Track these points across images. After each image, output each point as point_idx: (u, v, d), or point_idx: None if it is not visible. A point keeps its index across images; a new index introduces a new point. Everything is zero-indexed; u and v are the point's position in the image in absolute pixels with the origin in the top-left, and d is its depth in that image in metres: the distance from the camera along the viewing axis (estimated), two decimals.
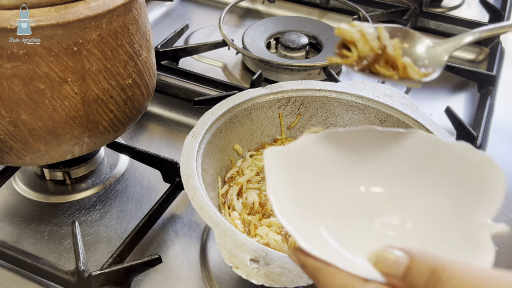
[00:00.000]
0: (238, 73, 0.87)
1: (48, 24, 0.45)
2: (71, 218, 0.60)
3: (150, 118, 0.76)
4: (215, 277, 0.54)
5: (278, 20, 0.94)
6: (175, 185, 0.60)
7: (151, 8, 1.03)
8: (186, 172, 0.49)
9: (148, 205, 0.61)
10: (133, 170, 0.67)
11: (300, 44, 0.85)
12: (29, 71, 0.47)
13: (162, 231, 0.59)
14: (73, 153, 0.55)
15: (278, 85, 0.62)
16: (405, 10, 0.98)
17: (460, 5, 1.07)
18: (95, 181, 0.64)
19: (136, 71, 0.55)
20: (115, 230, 0.59)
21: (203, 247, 0.57)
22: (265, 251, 0.42)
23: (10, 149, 0.51)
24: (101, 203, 0.62)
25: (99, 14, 0.47)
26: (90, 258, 0.55)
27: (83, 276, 0.49)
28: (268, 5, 1.06)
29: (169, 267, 0.55)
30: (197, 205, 0.46)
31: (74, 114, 0.51)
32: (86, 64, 0.49)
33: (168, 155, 0.62)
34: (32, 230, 0.58)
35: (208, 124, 0.55)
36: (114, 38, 0.51)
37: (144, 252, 0.56)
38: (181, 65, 0.84)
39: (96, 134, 0.54)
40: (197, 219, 0.60)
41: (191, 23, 0.97)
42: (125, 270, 0.50)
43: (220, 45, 0.86)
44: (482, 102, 0.78)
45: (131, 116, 0.57)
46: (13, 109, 0.48)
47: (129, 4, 0.51)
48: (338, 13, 1.03)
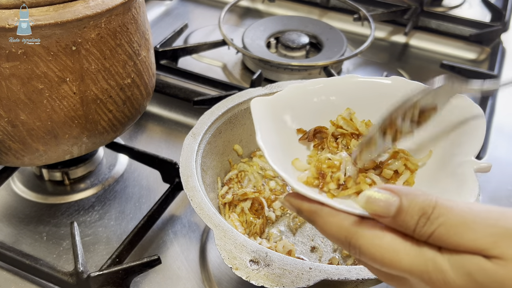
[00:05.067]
0: (238, 72, 0.86)
1: (46, 24, 0.45)
2: (70, 218, 0.60)
3: (149, 118, 0.76)
4: (214, 278, 0.54)
5: (278, 19, 0.93)
6: (174, 186, 0.60)
7: (150, 7, 1.03)
8: (186, 173, 0.49)
9: (147, 206, 0.60)
10: (132, 170, 0.66)
11: (301, 44, 0.85)
12: (28, 71, 0.47)
13: (161, 232, 0.58)
14: (72, 154, 0.54)
15: (278, 85, 0.61)
16: (406, 9, 0.98)
17: (461, 5, 1.07)
18: (94, 182, 0.64)
19: (135, 70, 0.55)
20: (114, 231, 0.58)
21: (203, 248, 0.57)
22: (265, 252, 0.42)
23: (9, 149, 0.51)
24: (100, 204, 0.62)
25: (98, 13, 0.47)
26: (89, 259, 0.55)
27: (82, 277, 0.48)
28: (268, 4, 1.06)
29: (169, 268, 0.55)
30: (197, 205, 0.46)
31: (72, 114, 0.51)
32: (85, 64, 0.49)
33: (168, 155, 0.62)
34: (30, 231, 0.58)
35: (207, 124, 0.55)
36: (113, 38, 0.50)
37: (143, 253, 0.56)
38: (181, 65, 0.84)
39: (95, 134, 0.54)
40: (196, 220, 0.60)
41: (190, 22, 0.97)
42: (124, 271, 0.50)
43: (219, 45, 0.86)
44: (483, 102, 0.78)
45: (130, 116, 0.57)
46: (11, 109, 0.48)
47: (128, 3, 0.51)
48: (338, 12, 1.03)
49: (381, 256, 0.29)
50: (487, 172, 0.39)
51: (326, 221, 0.32)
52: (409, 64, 0.91)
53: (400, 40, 0.97)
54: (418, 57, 0.94)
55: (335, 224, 0.31)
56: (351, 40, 0.94)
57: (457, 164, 0.37)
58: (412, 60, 0.93)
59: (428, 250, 0.28)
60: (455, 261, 0.27)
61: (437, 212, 0.28)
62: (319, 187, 0.39)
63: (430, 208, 0.28)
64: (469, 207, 0.28)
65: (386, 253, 0.29)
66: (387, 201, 0.29)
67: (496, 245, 0.26)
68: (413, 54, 0.94)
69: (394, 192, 0.29)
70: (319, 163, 0.40)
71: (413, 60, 0.93)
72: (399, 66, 0.90)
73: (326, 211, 0.32)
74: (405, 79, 0.45)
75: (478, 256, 0.27)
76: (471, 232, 0.27)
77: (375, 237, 0.29)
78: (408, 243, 0.28)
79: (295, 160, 0.42)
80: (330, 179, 0.39)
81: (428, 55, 0.95)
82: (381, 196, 0.29)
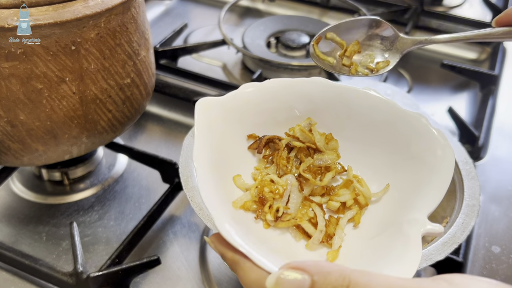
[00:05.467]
0: (237, 72, 0.86)
1: (46, 23, 0.44)
2: (69, 219, 0.59)
3: (149, 118, 0.76)
4: (214, 279, 0.53)
5: (278, 19, 0.93)
6: (174, 186, 0.59)
7: (150, 7, 1.03)
8: (185, 173, 0.49)
9: (147, 206, 0.60)
10: (132, 170, 0.66)
11: (301, 43, 0.85)
12: (27, 71, 0.46)
13: (161, 232, 0.58)
14: (71, 154, 0.54)
15: None
16: (406, 9, 0.98)
17: (461, 4, 1.07)
18: (94, 182, 0.64)
19: (134, 70, 0.55)
20: (113, 231, 0.58)
21: (203, 248, 0.57)
22: None
23: (8, 149, 0.51)
24: (99, 204, 0.61)
25: (98, 13, 0.47)
26: (89, 259, 0.55)
27: (82, 278, 0.48)
28: (268, 4, 1.06)
29: (168, 268, 0.54)
30: (197, 206, 0.46)
31: (72, 114, 0.50)
32: (84, 64, 0.49)
33: (167, 155, 0.62)
34: (30, 231, 0.58)
35: None
36: (113, 37, 0.50)
37: (143, 254, 0.56)
38: (180, 65, 0.84)
39: (95, 134, 0.54)
40: (196, 220, 0.60)
41: (190, 22, 0.97)
42: (123, 272, 0.49)
43: (219, 44, 0.86)
44: (484, 101, 0.77)
45: (130, 116, 0.57)
46: (10, 109, 0.48)
47: (128, 3, 0.51)
48: (338, 11, 1.03)
49: None
50: (439, 237, 0.36)
51: (246, 274, 0.31)
52: (410, 64, 0.91)
53: None
54: (418, 57, 0.94)
55: (254, 281, 0.31)
56: None
57: (408, 220, 0.35)
58: (412, 60, 0.93)
59: None
60: None
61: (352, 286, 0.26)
62: (256, 213, 0.37)
63: (344, 285, 0.27)
64: (387, 284, 0.26)
65: None
66: (297, 282, 0.28)
67: None
68: (413, 54, 0.94)
69: (306, 271, 0.28)
70: (261, 186, 0.38)
71: (414, 60, 0.93)
72: (399, 66, 0.90)
73: (247, 265, 0.31)
74: None
75: None
76: None
77: None
78: None
79: (236, 176, 0.40)
80: (268, 210, 0.37)
81: (429, 54, 0.95)
82: (290, 277, 0.28)
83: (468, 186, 0.48)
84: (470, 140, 0.69)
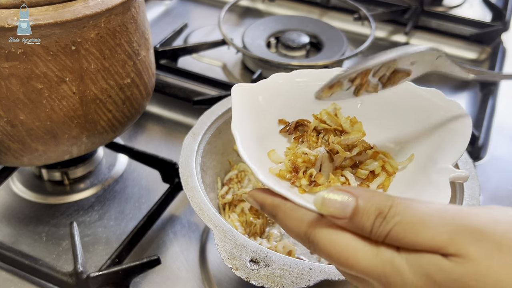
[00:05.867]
0: (237, 72, 0.86)
1: (46, 23, 0.45)
2: (69, 219, 0.59)
3: (149, 118, 0.76)
4: (214, 279, 0.53)
5: (278, 19, 0.93)
6: (174, 186, 0.59)
7: (150, 7, 1.03)
8: (185, 173, 0.49)
9: (147, 206, 0.60)
10: (132, 170, 0.66)
11: (301, 43, 0.85)
12: (27, 71, 0.46)
13: (161, 232, 0.58)
14: (71, 154, 0.54)
15: None
16: (406, 9, 0.98)
17: (461, 4, 1.07)
18: (94, 182, 0.64)
19: (134, 70, 0.55)
20: (113, 231, 0.58)
21: (203, 248, 0.57)
22: (265, 253, 0.42)
23: (8, 149, 0.51)
24: (99, 204, 0.61)
25: (98, 13, 0.47)
26: (89, 259, 0.55)
27: (81, 278, 0.48)
28: (268, 4, 1.06)
29: (168, 268, 0.54)
30: (197, 206, 0.46)
31: (72, 114, 0.50)
32: (84, 64, 0.49)
33: (167, 155, 0.62)
34: (30, 231, 0.58)
35: (207, 124, 0.55)
36: (113, 37, 0.50)
37: (143, 254, 0.56)
38: (180, 65, 0.84)
39: (95, 134, 0.54)
40: (196, 220, 0.60)
41: (190, 22, 0.97)
42: (123, 272, 0.49)
43: (219, 44, 0.86)
44: (484, 102, 0.77)
45: (130, 116, 0.57)
46: (10, 109, 0.48)
47: (128, 3, 0.51)
48: (338, 12, 1.03)
49: (337, 255, 0.28)
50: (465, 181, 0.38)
51: (286, 215, 0.32)
52: None
53: (401, 40, 0.97)
54: None
55: (295, 219, 0.31)
56: (351, 40, 0.93)
57: (435, 171, 0.37)
58: None
59: (385, 251, 0.27)
60: (413, 261, 0.26)
61: (393, 211, 0.27)
62: (290, 181, 0.39)
63: (387, 208, 0.27)
64: (427, 206, 0.27)
65: (343, 252, 0.28)
66: (343, 202, 0.28)
67: (453, 242, 0.25)
68: None
69: (350, 193, 0.29)
70: (295, 157, 0.40)
71: None
72: None
73: (287, 206, 0.32)
74: None
75: (436, 255, 0.26)
76: (428, 230, 0.26)
77: (333, 234, 0.29)
78: (367, 244, 0.28)
79: (271, 151, 0.41)
80: (303, 175, 0.39)
81: None
82: (336, 197, 0.29)
83: (468, 186, 0.48)
84: (470, 140, 0.69)
